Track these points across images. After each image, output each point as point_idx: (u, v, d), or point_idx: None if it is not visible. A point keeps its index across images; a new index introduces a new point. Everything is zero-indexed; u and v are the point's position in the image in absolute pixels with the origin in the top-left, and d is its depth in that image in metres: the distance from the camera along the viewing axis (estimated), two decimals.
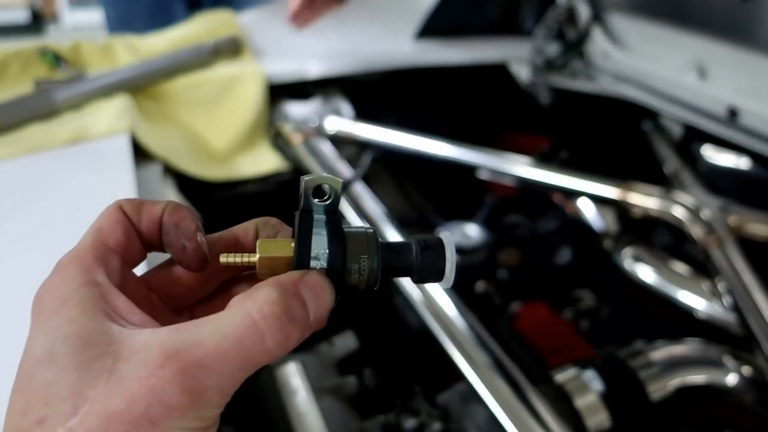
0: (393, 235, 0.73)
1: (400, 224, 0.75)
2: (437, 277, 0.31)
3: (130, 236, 0.30)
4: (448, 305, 0.62)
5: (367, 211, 0.77)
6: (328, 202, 0.30)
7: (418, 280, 0.31)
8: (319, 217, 0.30)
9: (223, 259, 0.30)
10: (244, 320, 0.25)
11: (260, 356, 0.25)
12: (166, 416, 0.23)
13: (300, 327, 0.27)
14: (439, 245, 0.31)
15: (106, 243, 0.29)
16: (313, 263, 0.29)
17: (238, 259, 0.30)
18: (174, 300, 0.32)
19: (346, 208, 0.78)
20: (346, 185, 0.83)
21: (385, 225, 0.74)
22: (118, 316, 0.26)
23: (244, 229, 0.32)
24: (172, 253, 0.31)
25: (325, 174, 0.30)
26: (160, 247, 0.31)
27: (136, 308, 0.27)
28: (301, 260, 0.29)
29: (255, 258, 0.29)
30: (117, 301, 0.27)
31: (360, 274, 0.30)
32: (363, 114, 1.04)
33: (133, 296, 0.28)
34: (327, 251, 0.29)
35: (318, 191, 0.30)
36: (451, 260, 0.31)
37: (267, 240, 0.30)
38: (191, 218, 0.30)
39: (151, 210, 0.30)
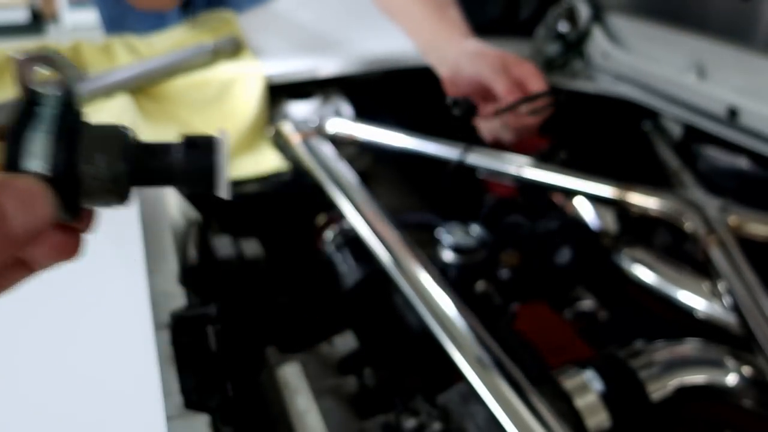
0: (392, 234, 0.72)
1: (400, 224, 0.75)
2: (206, 183, 0.26)
3: None
4: (448, 305, 0.62)
5: (365, 212, 0.77)
6: (60, 94, 0.25)
7: (185, 188, 0.26)
8: (48, 111, 0.25)
9: None
10: None
11: None
12: None
13: None
14: (208, 144, 0.26)
15: None
16: (31, 165, 0.24)
17: None
18: None
19: (345, 208, 0.78)
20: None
21: (384, 225, 0.74)
22: None
23: None
24: None
25: (54, 49, 0.25)
26: None
27: None
28: (11, 161, 0.24)
29: None
30: None
31: (100, 180, 0.25)
32: (363, 114, 1.04)
33: None
34: (49, 151, 0.24)
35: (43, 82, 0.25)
36: (221, 163, 0.25)
37: None
38: None
39: None
